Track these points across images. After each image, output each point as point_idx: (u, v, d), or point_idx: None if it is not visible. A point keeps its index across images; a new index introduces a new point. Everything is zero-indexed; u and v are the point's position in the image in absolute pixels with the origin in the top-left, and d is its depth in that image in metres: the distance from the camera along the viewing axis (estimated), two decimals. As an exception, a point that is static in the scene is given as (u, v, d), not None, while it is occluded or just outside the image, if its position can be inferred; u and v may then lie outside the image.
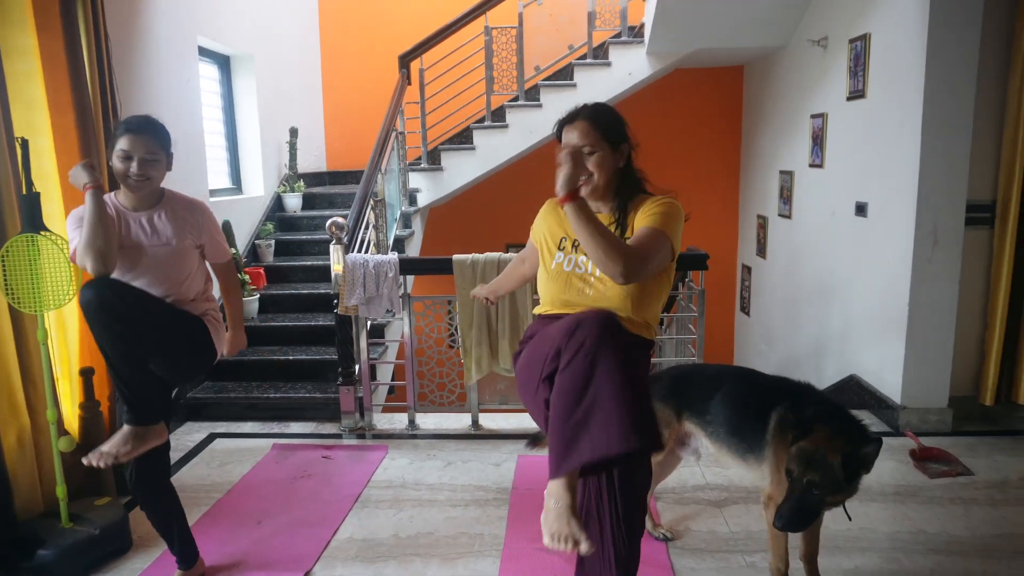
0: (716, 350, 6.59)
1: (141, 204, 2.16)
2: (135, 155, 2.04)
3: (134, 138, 2.04)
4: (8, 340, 2.52)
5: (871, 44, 3.90)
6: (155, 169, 2.09)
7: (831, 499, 1.91)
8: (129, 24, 3.67)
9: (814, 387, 2.16)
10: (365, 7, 6.77)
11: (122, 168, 2.05)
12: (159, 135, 2.10)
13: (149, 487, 2.27)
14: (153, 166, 2.07)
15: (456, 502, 2.98)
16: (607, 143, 1.81)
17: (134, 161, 2.04)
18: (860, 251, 4.08)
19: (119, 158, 2.05)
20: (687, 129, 6.83)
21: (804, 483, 1.88)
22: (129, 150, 2.04)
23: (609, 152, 1.81)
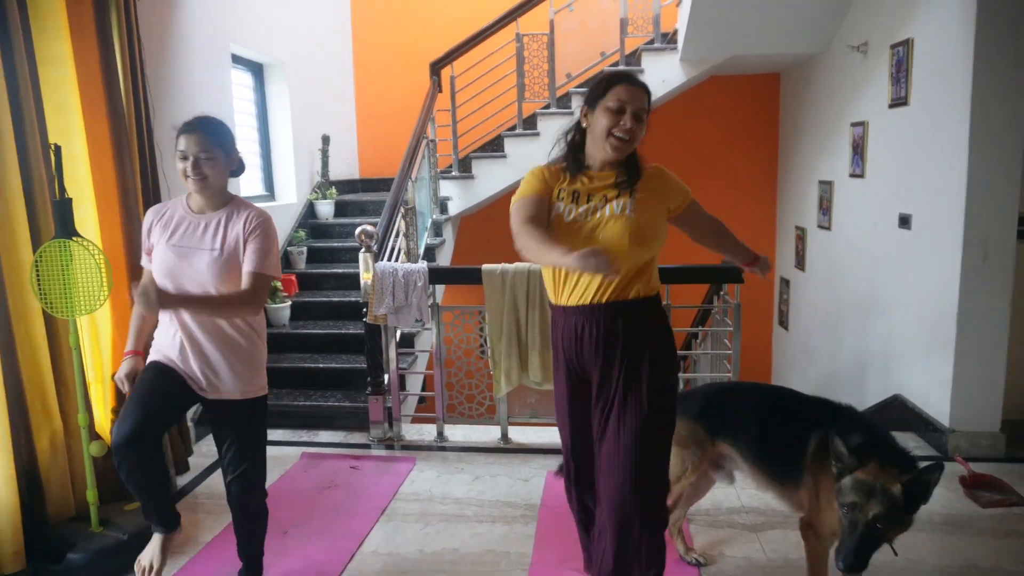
0: (753, 365, 6.44)
1: (207, 206, 2.09)
2: (190, 154, 2.01)
3: (187, 137, 2.02)
4: (41, 344, 2.54)
5: (914, 49, 3.77)
6: (210, 167, 2.02)
7: (892, 534, 1.80)
8: (163, 31, 3.71)
9: (855, 409, 2.06)
10: (397, 14, 6.80)
11: (181, 167, 2.03)
12: (213, 133, 2.05)
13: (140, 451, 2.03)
14: (208, 164, 2.02)
15: (483, 518, 2.92)
16: (647, 115, 1.89)
17: (189, 160, 2.01)
18: (904, 265, 3.93)
19: (178, 158, 2.03)
20: (723, 137, 6.71)
21: (870, 518, 1.76)
22: (184, 149, 2.02)
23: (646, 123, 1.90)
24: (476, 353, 3.83)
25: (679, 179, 2.00)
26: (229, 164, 2.11)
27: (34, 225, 2.50)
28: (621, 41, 5.49)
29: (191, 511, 2.98)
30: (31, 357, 2.49)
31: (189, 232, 2.07)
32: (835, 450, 1.86)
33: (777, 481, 2.11)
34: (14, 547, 2.39)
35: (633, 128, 1.84)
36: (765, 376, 6.69)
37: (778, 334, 6.53)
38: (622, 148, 1.86)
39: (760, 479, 2.19)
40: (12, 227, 2.42)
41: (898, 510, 1.76)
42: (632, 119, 1.83)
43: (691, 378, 4.42)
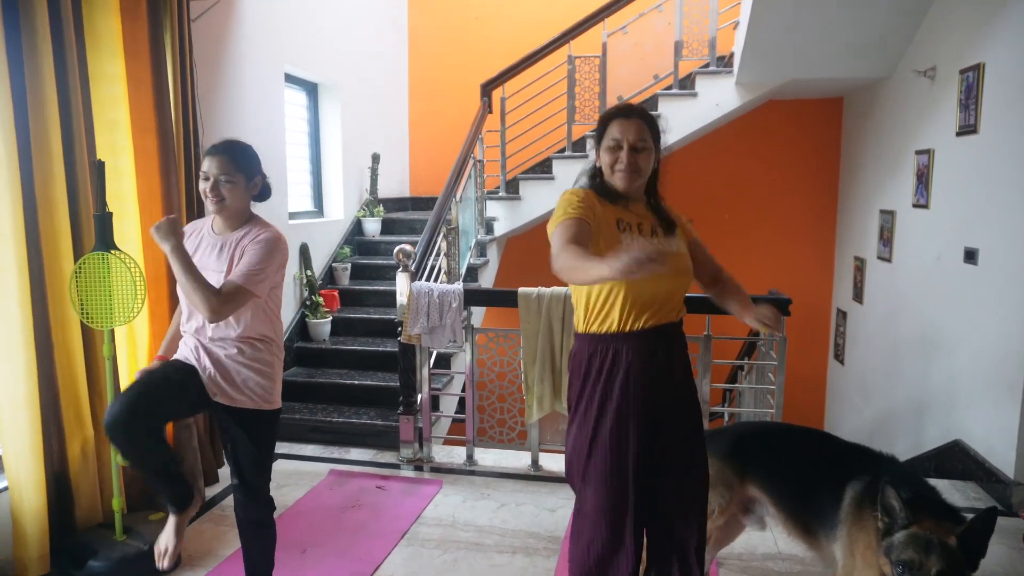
0: (805, 399, 6.17)
1: (226, 227, 2.10)
2: (211, 175, 2.03)
3: (212, 159, 2.04)
4: (78, 353, 2.61)
5: (985, 75, 3.56)
6: (229, 191, 2.03)
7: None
8: (218, 51, 3.83)
9: (896, 459, 1.90)
10: (454, 36, 6.88)
11: (202, 188, 2.06)
12: (237, 157, 2.06)
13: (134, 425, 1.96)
14: (228, 187, 2.03)
15: (504, 548, 2.84)
16: (654, 144, 1.88)
17: (210, 182, 2.03)
18: (969, 302, 3.68)
19: (201, 179, 2.06)
20: (780, 163, 6.50)
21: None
22: (207, 171, 2.04)
23: (653, 155, 1.89)
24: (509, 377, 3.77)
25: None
26: (251, 189, 2.10)
27: (77, 237, 2.58)
28: (675, 64, 5.40)
29: (216, 523, 3.01)
30: (67, 365, 2.57)
31: (206, 252, 2.08)
32: (885, 503, 1.70)
33: (808, 532, 1.97)
34: (40, 551, 2.45)
35: (633, 160, 1.84)
36: (817, 411, 6.39)
37: (833, 368, 6.24)
38: (630, 179, 1.86)
39: (790, 527, 2.05)
40: (56, 238, 2.51)
41: (960, 566, 1.61)
42: (629, 153, 1.83)
43: (735, 412, 4.25)
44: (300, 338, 4.72)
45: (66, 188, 2.52)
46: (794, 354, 4.33)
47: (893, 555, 1.66)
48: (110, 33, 2.75)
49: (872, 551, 1.76)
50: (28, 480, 2.42)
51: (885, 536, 1.70)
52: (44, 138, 2.44)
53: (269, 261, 2.02)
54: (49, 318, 2.49)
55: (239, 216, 2.10)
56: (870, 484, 1.80)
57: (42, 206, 2.44)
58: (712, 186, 6.56)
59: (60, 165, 2.49)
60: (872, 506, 1.74)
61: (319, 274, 5.00)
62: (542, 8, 6.51)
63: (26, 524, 2.43)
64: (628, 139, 1.82)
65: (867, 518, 1.77)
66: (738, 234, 6.53)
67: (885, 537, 1.70)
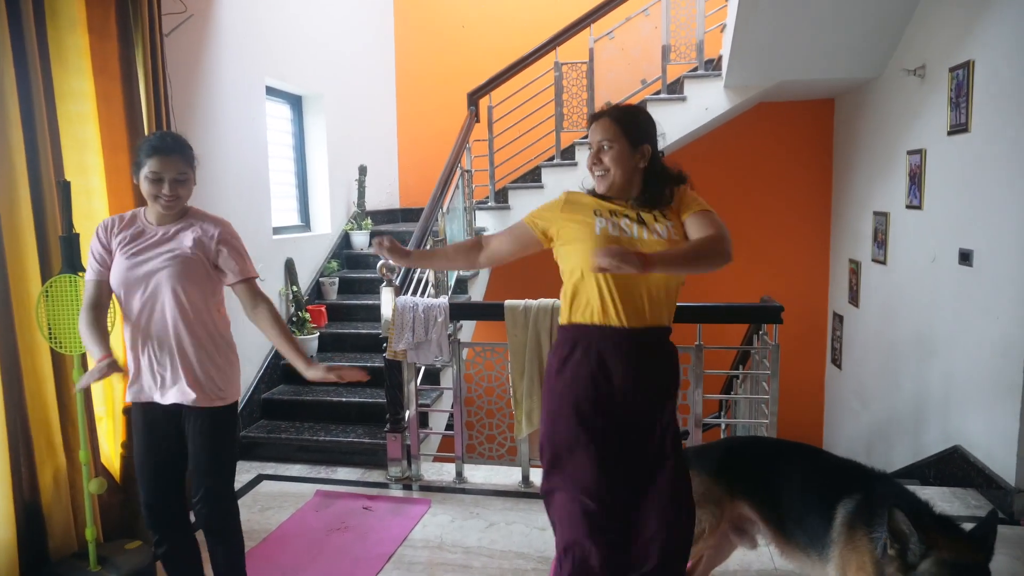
0: (803, 405, 6.08)
1: (166, 220, 2.11)
2: (166, 176, 2.01)
3: (164, 159, 2.01)
4: (48, 379, 2.53)
5: (975, 72, 3.50)
6: (185, 188, 2.07)
7: None
8: (194, 66, 3.76)
9: (887, 475, 1.83)
10: (440, 45, 6.83)
11: (152, 190, 2.03)
12: (187, 155, 2.08)
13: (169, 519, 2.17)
14: (183, 186, 2.06)
15: (492, 570, 2.76)
16: (627, 140, 1.86)
17: (165, 183, 2.01)
18: (964, 304, 3.61)
19: (148, 179, 2.02)
20: (772, 166, 6.44)
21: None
22: (159, 171, 2.01)
23: (627, 148, 1.86)
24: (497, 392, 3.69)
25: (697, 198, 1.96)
26: (194, 180, 2.13)
27: (44, 260, 2.51)
28: (663, 68, 5.34)
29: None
30: (37, 391, 2.49)
31: (147, 242, 2.07)
32: (895, 528, 1.58)
33: (800, 550, 1.90)
34: (8, 585, 2.36)
35: (601, 161, 1.87)
36: (816, 417, 6.30)
37: (831, 373, 6.16)
38: (602, 181, 1.90)
39: (782, 546, 1.97)
40: (22, 261, 2.43)
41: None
42: (594, 156, 1.88)
43: (731, 423, 4.17)
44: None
45: (32, 209, 2.45)
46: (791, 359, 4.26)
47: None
48: (77, 49, 2.69)
49: (865, 573, 1.68)
50: (-6, 512, 2.34)
51: (904, 567, 1.58)
52: (6, 157, 2.37)
53: (241, 243, 2.16)
54: (16, 343, 2.41)
55: (182, 209, 2.13)
56: (861, 503, 1.72)
57: (6, 228, 2.37)
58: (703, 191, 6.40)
59: (25, 186, 2.42)
60: (864, 526, 1.66)
61: (306, 289, 4.92)
62: (528, 15, 6.46)
63: (-6, 558, 2.34)
64: (595, 139, 1.88)
65: (860, 538, 1.69)
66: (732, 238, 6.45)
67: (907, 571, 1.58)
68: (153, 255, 2.04)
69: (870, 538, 1.69)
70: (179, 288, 2.03)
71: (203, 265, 2.08)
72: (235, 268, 2.11)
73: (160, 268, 2.03)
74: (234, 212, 4.04)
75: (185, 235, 2.08)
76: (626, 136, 1.86)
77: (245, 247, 2.17)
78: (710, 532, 2.12)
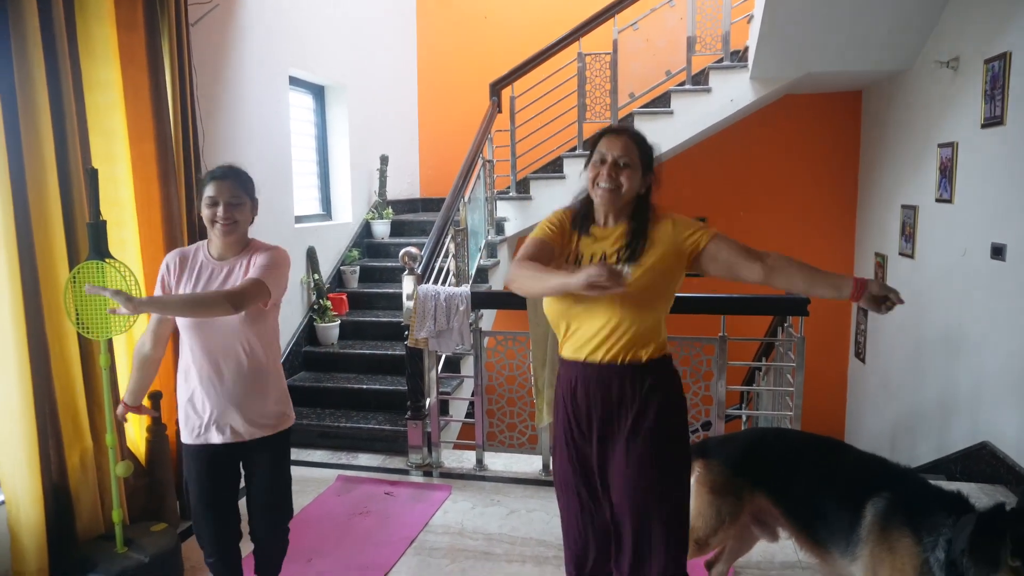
0: (825, 399, 6.01)
1: (228, 252, 2.10)
2: (220, 200, 2.03)
3: (219, 184, 2.04)
4: (75, 363, 2.57)
5: (1011, 64, 3.42)
6: (240, 212, 2.06)
7: None
8: (220, 57, 3.79)
9: (916, 472, 1.80)
10: (462, 35, 6.81)
11: (210, 214, 2.05)
12: (242, 180, 2.10)
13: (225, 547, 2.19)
14: (238, 209, 2.06)
15: (514, 557, 2.77)
16: (640, 165, 1.83)
17: (220, 206, 2.03)
18: (996, 299, 3.54)
19: (206, 205, 2.05)
20: (798, 159, 6.35)
21: None
22: (215, 196, 2.03)
23: (640, 173, 1.83)
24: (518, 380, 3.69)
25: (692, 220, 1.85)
26: (254, 210, 2.13)
27: (72, 246, 2.54)
28: (688, 59, 5.28)
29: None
30: (64, 375, 2.53)
31: (213, 278, 2.06)
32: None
33: (822, 547, 1.87)
34: (38, 565, 2.41)
35: (615, 176, 1.79)
36: (838, 411, 6.23)
37: (854, 367, 6.08)
38: (608, 196, 1.80)
39: (802, 542, 1.95)
40: (50, 248, 2.47)
41: None
42: (612, 167, 1.79)
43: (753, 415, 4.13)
44: (308, 342, 4.67)
45: (60, 197, 2.48)
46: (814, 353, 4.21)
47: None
48: (104, 40, 2.71)
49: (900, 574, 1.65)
50: (25, 493, 2.39)
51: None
52: (36, 146, 2.40)
53: (280, 267, 2.08)
54: (45, 329, 2.45)
55: (242, 240, 2.11)
56: (894, 502, 1.69)
57: (36, 215, 2.40)
58: (727, 183, 6.43)
59: (53, 173, 2.45)
60: (904, 529, 1.63)
61: (327, 277, 4.95)
62: (552, 6, 6.41)
63: (24, 538, 2.39)
64: (613, 154, 1.80)
65: (898, 541, 1.65)
66: (754, 232, 6.38)
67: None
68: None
69: (913, 537, 1.65)
70: (252, 333, 2.05)
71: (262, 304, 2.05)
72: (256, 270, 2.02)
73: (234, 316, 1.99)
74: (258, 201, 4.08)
75: (243, 268, 2.06)
76: (641, 160, 1.82)
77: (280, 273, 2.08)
78: (730, 523, 2.11)
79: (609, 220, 1.85)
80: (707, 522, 2.07)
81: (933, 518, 1.67)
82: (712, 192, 6.37)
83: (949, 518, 1.63)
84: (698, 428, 3.64)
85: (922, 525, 1.67)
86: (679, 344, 3.38)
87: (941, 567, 1.61)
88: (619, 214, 1.83)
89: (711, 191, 6.36)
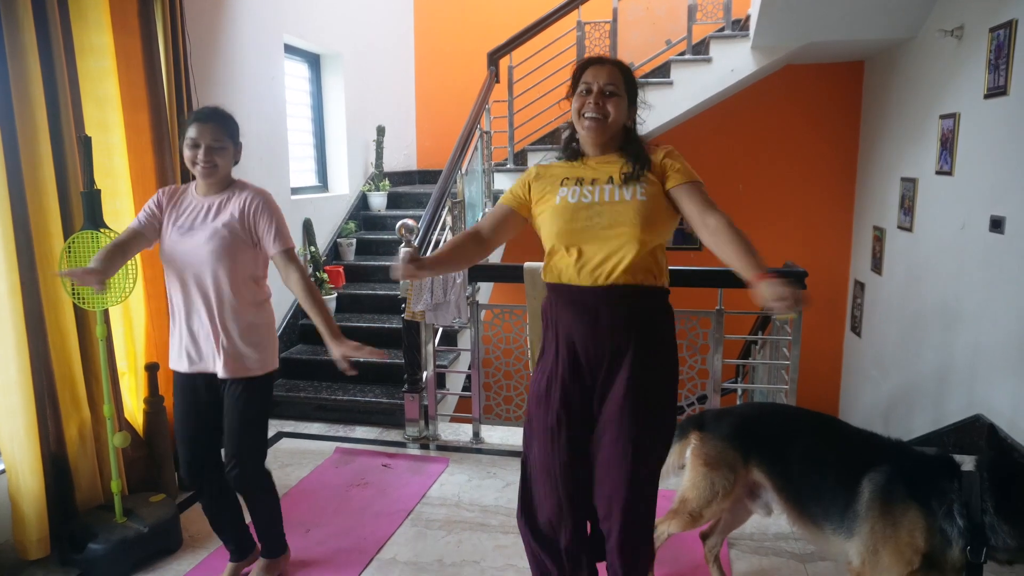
0: (820, 372, 6.05)
1: (210, 191, 2.17)
2: (202, 143, 2.07)
3: (201, 126, 2.08)
4: (71, 334, 2.56)
5: (1017, 32, 3.37)
6: (221, 157, 2.11)
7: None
8: (213, 23, 3.72)
9: (911, 445, 1.81)
10: (460, 3, 6.70)
11: (190, 155, 2.10)
12: (226, 124, 2.12)
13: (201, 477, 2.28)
14: (220, 153, 2.10)
15: (509, 528, 2.79)
16: (627, 94, 1.81)
17: (201, 148, 2.07)
18: (994, 272, 3.54)
19: (188, 146, 2.10)
20: (798, 130, 6.30)
21: None
22: (196, 138, 2.08)
23: (626, 102, 1.81)
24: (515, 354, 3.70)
25: (685, 161, 1.83)
26: (236, 154, 2.18)
27: (66, 217, 2.52)
28: (688, 28, 5.21)
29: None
30: (61, 346, 2.52)
31: (192, 214, 2.14)
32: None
33: (814, 522, 1.88)
34: (39, 534, 2.43)
35: (602, 104, 1.76)
36: (833, 384, 6.27)
37: (850, 340, 6.10)
38: (595, 127, 1.78)
39: (794, 517, 1.97)
40: (45, 218, 2.44)
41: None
42: (599, 95, 1.76)
43: (748, 388, 4.16)
44: (304, 315, 4.64)
45: (54, 166, 2.45)
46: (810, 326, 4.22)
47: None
48: (96, 5, 2.65)
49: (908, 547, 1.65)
50: (25, 462, 2.39)
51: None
52: (29, 115, 2.36)
53: (280, 215, 2.17)
54: (41, 299, 2.44)
55: (224, 180, 2.17)
56: (892, 476, 1.69)
57: (29, 185, 2.37)
58: (727, 154, 6.38)
59: (47, 142, 2.42)
60: (908, 501, 1.63)
61: (323, 250, 4.93)
62: (551, -28, 6.30)
63: (25, 506, 2.40)
64: (599, 82, 1.77)
65: (901, 513, 1.66)
66: (753, 204, 6.37)
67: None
68: (198, 230, 2.11)
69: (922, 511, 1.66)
70: (221, 266, 2.10)
71: (244, 240, 2.13)
72: (272, 239, 2.14)
73: (203, 245, 2.09)
74: (252, 172, 4.03)
75: (227, 209, 2.12)
76: (627, 90, 1.80)
77: (283, 217, 2.20)
78: (724, 496, 2.12)
79: (596, 152, 1.84)
80: (701, 494, 2.08)
81: (938, 485, 1.67)
82: (711, 164, 6.33)
83: (952, 483, 1.64)
84: (694, 401, 3.65)
85: (930, 494, 1.67)
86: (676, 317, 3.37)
87: (962, 533, 1.61)
88: (607, 145, 1.82)
89: (711, 163, 6.31)
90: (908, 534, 1.67)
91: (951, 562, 1.64)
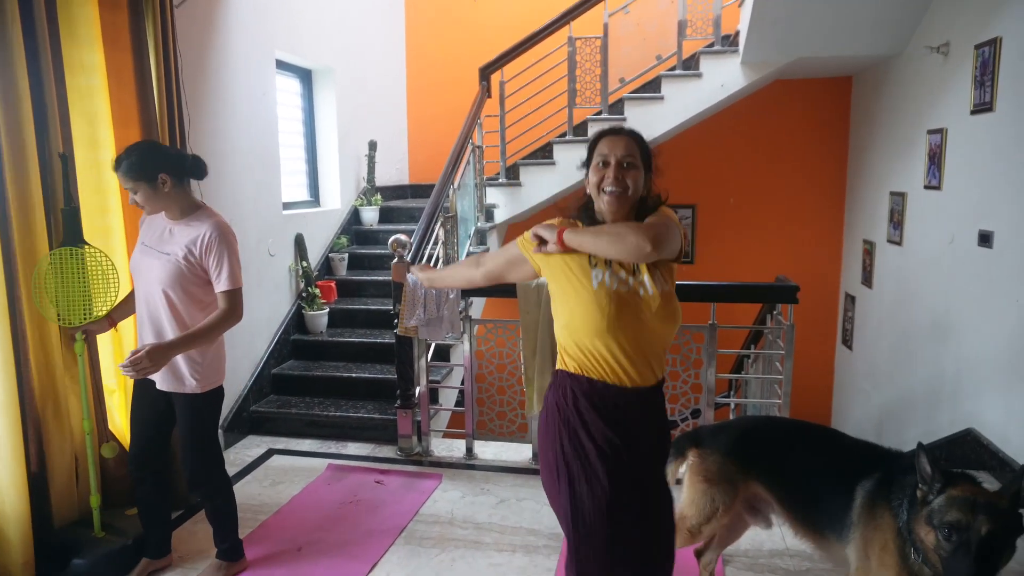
0: (812, 385, 6.05)
1: (171, 216, 2.30)
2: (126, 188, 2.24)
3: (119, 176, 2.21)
4: (55, 348, 2.53)
5: (1001, 49, 3.41)
6: (141, 196, 2.22)
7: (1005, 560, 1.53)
8: (204, 39, 3.71)
9: (905, 454, 1.81)
10: (451, 19, 6.73)
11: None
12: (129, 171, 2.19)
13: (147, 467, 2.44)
14: (139, 194, 2.22)
15: (503, 546, 2.77)
16: (643, 165, 1.77)
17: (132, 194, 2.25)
18: (983, 286, 3.56)
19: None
20: (787, 145, 6.35)
21: (984, 535, 1.49)
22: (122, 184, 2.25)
23: (643, 174, 1.77)
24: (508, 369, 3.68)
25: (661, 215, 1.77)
26: (162, 186, 2.22)
27: (53, 234, 2.49)
28: (679, 44, 5.24)
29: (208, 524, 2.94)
30: (45, 363, 2.49)
31: (157, 236, 2.29)
32: (921, 470, 1.62)
33: (817, 532, 1.88)
34: (24, 557, 2.38)
35: (622, 178, 1.71)
36: (825, 398, 6.28)
37: (841, 353, 6.12)
38: (617, 202, 1.72)
39: (797, 528, 1.96)
40: (31, 235, 2.42)
41: (1014, 528, 1.52)
42: (617, 168, 1.71)
43: (741, 403, 4.16)
44: (296, 330, 4.64)
45: (41, 183, 2.43)
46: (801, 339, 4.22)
47: (935, 519, 1.57)
48: (87, 22, 2.65)
49: (889, 551, 1.67)
50: (9, 484, 2.35)
51: (923, 506, 1.62)
52: (16, 130, 2.34)
53: (231, 252, 2.25)
54: (24, 315, 2.40)
55: (174, 208, 2.27)
56: (880, 482, 1.71)
57: (14, 201, 2.34)
58: (717, 169, 6.42)
59: (34, 159, 2.40)
60: (885, 504, 1.65)
61: (315, 265, 4.91)
62: (542, -12, 6.34)
63: (9, 529, 2.36)
64: (616, 155, 1.72)
65: (881, 517, 1.68)
66: (744, 218, 6.40)
67: (923, 507, 1.62)
68: (154, 253, 2.25)
69: (891, 510, 1.69)
70: (168, 290, 2.23)
71: (192, 269, 2.24)
72: (217, 277, 2.25)
73: (154, 268, 2.23)
74: (244, 187, 4.02)
75: (184, 237, 2.24)
76: (642, 160, 1.75)
77: (236, 254, 2.28)
78: (724, 511, 2.11)
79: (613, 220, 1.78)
80: (701, 511, 2.07)
81: (904, 485, 1.70)
82: (701, 178, 6.36)
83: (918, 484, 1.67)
84: (687, 416, 3.65)
85: (897, 493, 1.71)
86: (669, 332, 3.37)
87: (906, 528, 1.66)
88: (627, 216, 1.76)
89: (701, 177, 6.35)
90: (883, 536, 1.70)
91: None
